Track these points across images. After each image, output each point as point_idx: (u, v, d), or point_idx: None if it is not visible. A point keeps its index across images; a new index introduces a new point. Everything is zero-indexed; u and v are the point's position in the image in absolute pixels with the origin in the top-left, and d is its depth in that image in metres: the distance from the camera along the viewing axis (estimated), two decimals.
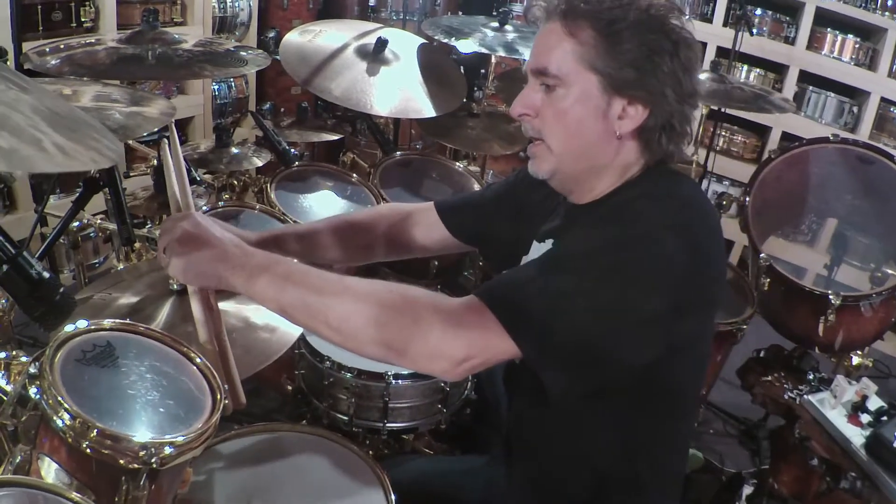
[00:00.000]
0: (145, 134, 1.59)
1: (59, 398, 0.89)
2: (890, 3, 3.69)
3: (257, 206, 2.15)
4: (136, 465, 0.91)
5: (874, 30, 3.77)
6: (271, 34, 3.89)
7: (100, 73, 1.79)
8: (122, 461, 0.90)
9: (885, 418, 2.01)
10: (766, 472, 2.24)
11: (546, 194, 1.39)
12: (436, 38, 2.82)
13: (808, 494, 2.19)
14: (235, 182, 2.44)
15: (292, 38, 2.57)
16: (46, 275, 0.96)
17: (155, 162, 2.13)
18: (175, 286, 1.44)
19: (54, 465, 0.90)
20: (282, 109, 4.07)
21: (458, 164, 2.81)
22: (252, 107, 3.96)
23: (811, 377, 2.31)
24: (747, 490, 2.28)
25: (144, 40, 1.96)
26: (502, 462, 1.52)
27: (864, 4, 3.75)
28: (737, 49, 3.28)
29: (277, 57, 2.47)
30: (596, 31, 1.16)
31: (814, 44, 3.87)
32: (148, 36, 1.98)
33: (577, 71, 1.18)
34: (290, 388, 2.04)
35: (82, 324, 1.02)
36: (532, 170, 1.29)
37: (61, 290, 0.96)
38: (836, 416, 2.05)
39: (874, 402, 2.07)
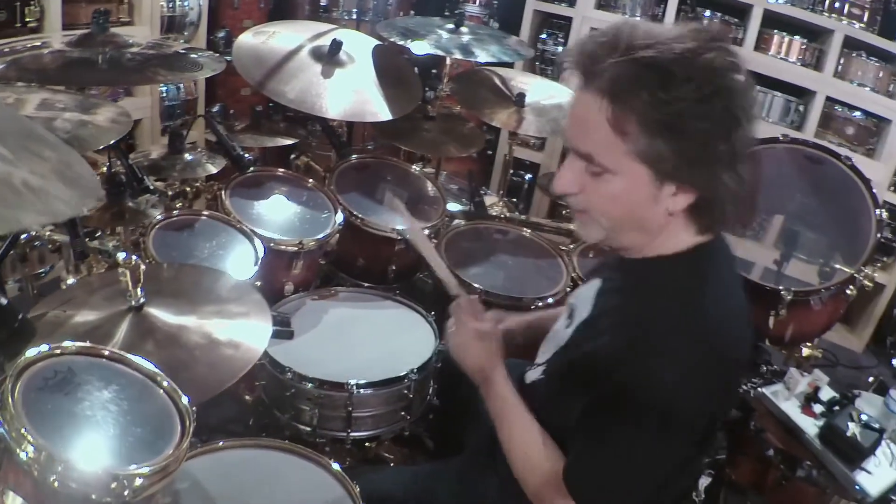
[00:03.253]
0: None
1: (23, 430, 0.86)
2: (837, 4, 3.77)
3: (214, 214, 2.11)
4: (108, 499, 0.88)
5: (820, 31, 3.85)
6: (221, 34, 3.81)
7: (48, 78, 1.71)
8: (93, 496, 0.87)
9: (837, 408, 2.08)
10: (724, 464, 2.29)
11: None
12: (391, 39, 2.80)
13: (766, 484, 2.25)
14: (188, 189, 2.39)
15: (246, 39, 2.53)
16: (4, 301, 0.91)
17: (105, 169, 2.06)
18: (134, 302, 1.40)
19: (19, 500, 0.87)
20: (231, 111, 4.00)
21: (413, 166, 2.80)
22: (201, 108, 3.87)
23: (764, 370, 2.37)
24: (705, 481, 2.31)
25: (95, 43, 1.88)
26: (481, 468, 1.51)
27: (810, 6, 3.81)
28: None
29: (229, 58, 2.42)
30: (645, 125, 1.09)
31: (761, 45, 3.93)
32: (98, 38, 1.90)
33: (625, 163, 1.13)
34: (248, 397, 2.01)
35: (43, 347, 0.98)
36: (580, 234, 1.33)
37: (20, 316, 0.92)
38: (790, 408, 2.11)
39: (826, 393, 2.14)
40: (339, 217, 2.32)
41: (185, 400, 1.06)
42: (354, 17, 3.98)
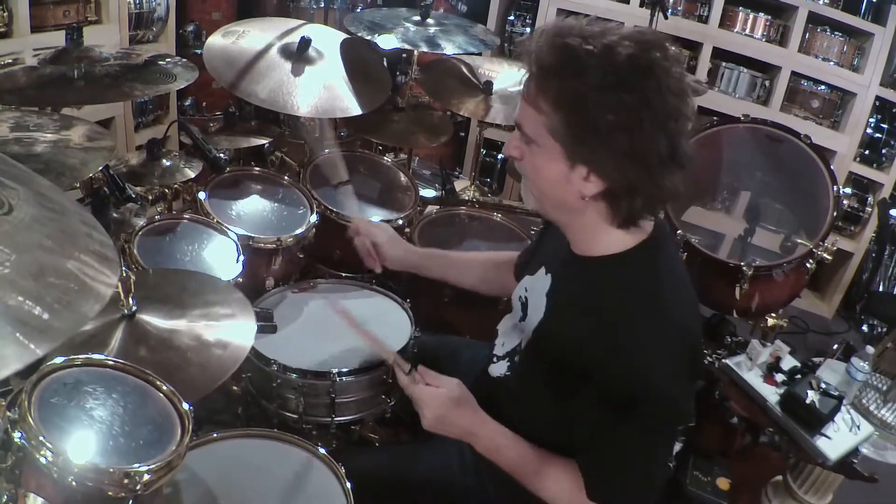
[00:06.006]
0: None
1: (41, 437, 0.94)
2: None
3: (195, 217, 2.16)
4: (122, 494, 0.97)
5: (784, 7, 3.94)
6: (190, 28, 3.82)
7: (27, 99, 1.70)
8: (109, 492, 0.97)
9: (797, 377, 2.17)
10: (692, 431, 2.40)
11: None
12: (358, 34, 2.85)
13: (732, 450, 2.36)
14: (167, 191, 2.42)
15: (216, 40, 2.55)
16: None
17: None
18: (126, 311, 1.47)
19: (40, 501, 0.95)
20: (203, 104, 4.03)
21: (385, 157, 2.86)
22: (173, 103, 3.88)
23: (728, 342, 2.47)
24: (675, 447, 2.42)
25: (69, 59, 1.86)
26: (457, 443, 1.56)
27: None
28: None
29: (198, 51, 2.43)
30: (557, 104, 1.20)
31: (726, 22, 4.01)
32: (73, 54, 1.88)
33: (543, 135, 1.25)
34: (235, 388, 2.07)
35: (53, 362, 1.06)
36: (524, 199, 1.44)
37: None
38: (753, 377, 2.20)
39: (788, 363, 2.23)
40: (314, 215, 2.37)
41: (185, 405, 1.15)
42: (322, 5, 4.00)
